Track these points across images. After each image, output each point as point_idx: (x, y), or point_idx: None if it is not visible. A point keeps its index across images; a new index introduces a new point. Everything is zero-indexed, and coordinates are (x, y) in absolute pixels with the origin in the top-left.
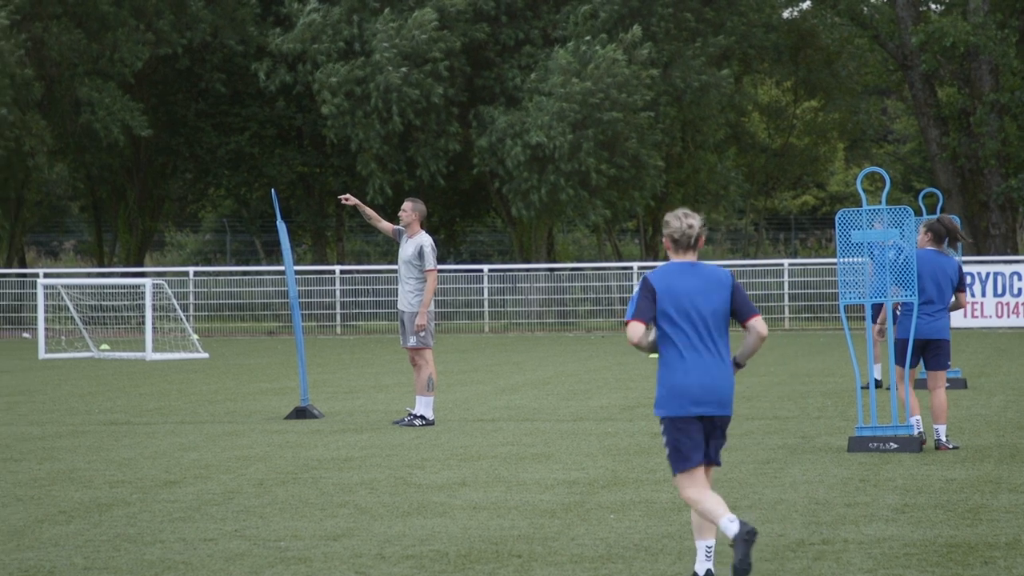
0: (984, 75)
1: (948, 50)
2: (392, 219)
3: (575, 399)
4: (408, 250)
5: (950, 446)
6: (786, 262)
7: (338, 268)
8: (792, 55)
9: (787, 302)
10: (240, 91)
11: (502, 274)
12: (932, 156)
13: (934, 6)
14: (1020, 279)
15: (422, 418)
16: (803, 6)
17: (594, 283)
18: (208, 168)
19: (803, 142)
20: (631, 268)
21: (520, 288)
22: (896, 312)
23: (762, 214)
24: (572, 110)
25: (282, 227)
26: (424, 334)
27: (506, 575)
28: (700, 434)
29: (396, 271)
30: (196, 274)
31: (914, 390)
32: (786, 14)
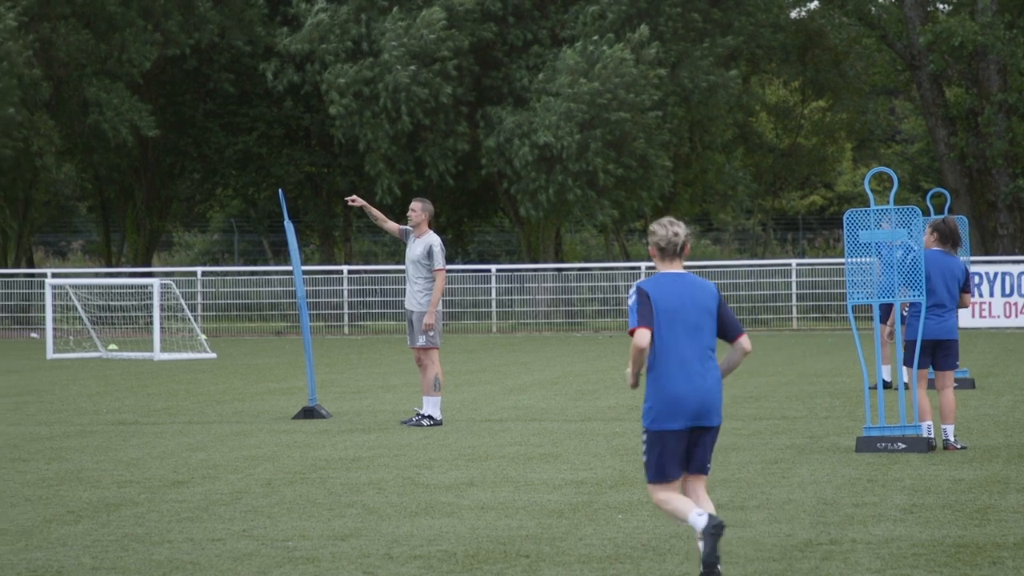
0: (992, 75)
1: (956, 50)
2: (400, 219)
3: (583, 399)
4: (417, 250)
5: (958, 446)
6: (794, 262)
7: (346, 268)
8: (800, 55)
9: (795, 302)
10: (248, 91)
11: (510, 274)
12: (940, 156)
13: (942, 6)
14: None
15: (430, 418)
16: (811, 6)
17: (602, 283)
18: (216, 168)
19: (811, 142)
20: (639, 268)
21: (528, 288)
22: (904, 313)
23: (770, 214)
24: (580, 110)
25: (290, 227)
26: (432, 333)
27: (514, 575)
28: (684, 446)
29: (404, 271)
30: (204, 274)
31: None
32: (794, 14)
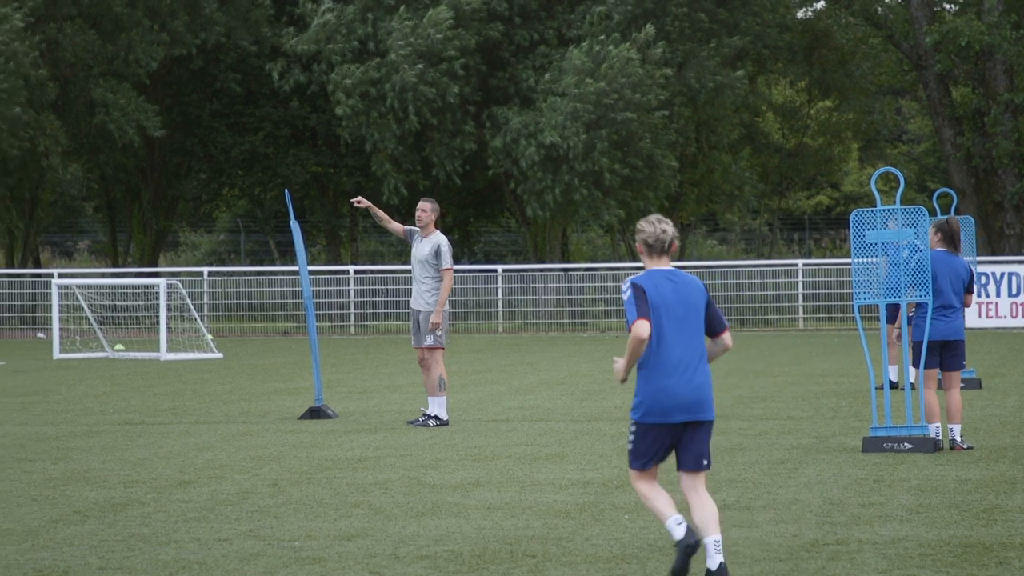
0: (999, 75)
1: (962, 50)
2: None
3: (589, 399)
4: (424, 249)
5: (965, 446)
6: (800, 262)
7: (352, 268)
8: (806, 55)
9: (801, 302)
10: (254, 91)
11: (516, 274)
12: (946, 156)
13: (948, 6)
14: None
15: (436, 418)
16: (817, 6)
17: (608, 283)
18: (222, 168)
19: (817, 142)
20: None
21: (534, 288)
22: (910, 314)
23: (776, 214)
24: (586, 110)
25: (296, 227)
26: (440, 333)
27: (520, 575)
28: (671, 440)
29: (410, 271)
30: (210, 274)
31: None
32: (800, 14)
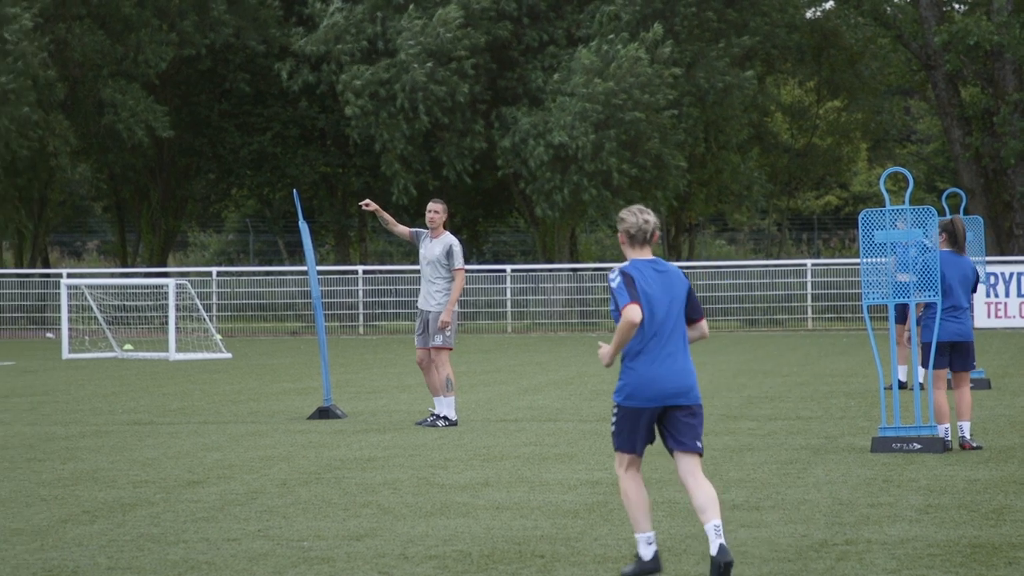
0: (1008, 75)
1: (971, 50)
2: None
3: (598, 399)
4: (436, 250)
5: (974, 444)
6: (809, 262)
7: (361, 268)
8: (815, 55)
9: (810, 302)
10: (263, 91)
11: (525, 274)
12: (955, 156)
13: (957, 6)
14: None
15: (445, 418)
16: (826, 6)
17: None
18: (231, 168)
19: (826, 142)
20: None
21: (543, 288)
22: (919, 315)
23: (785, 214)
24: (594, 110)
25: (304, 227)
26: (449, 333)
27: (529, 575)
28: (652, 423)
29: (418, 271)
30: (219, 274)
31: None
32: (809, 14)
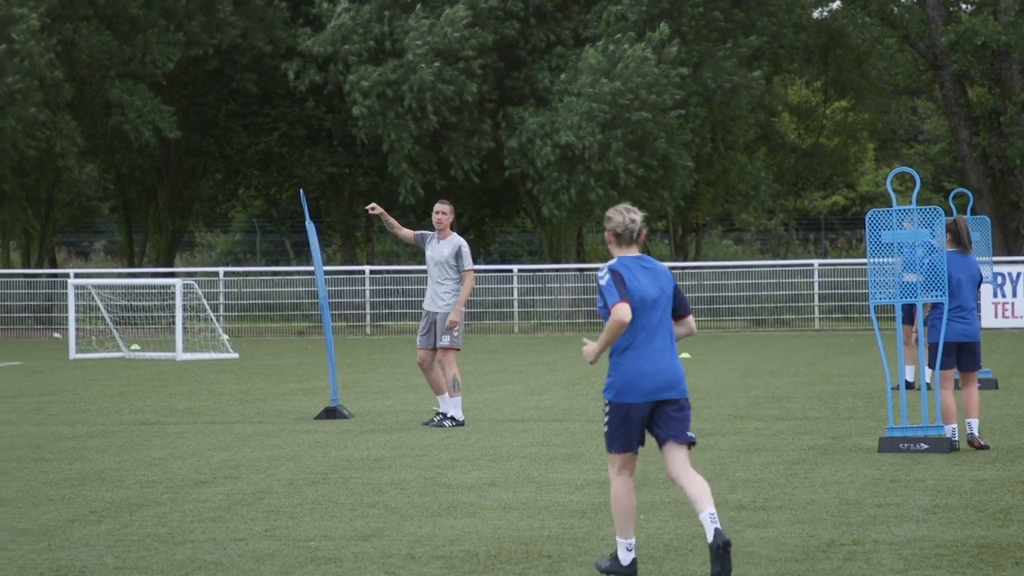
0: (1015, 75)
1: (979, 50)
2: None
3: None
4: (444, 251)
5: (982, 442)
6: (816, 262)
7: (368, 268)
8: (822, 55)
9: (817, 302)
10: (270, 91)
11: (532, 274)
12: (962, 156)
13: (964, 6)
14: None
15: (452, 419)
16: (833, 6)
17: None
18: (238, 168)
19: (833, 142)
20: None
21: (550, 288)
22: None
23: (792, 214)
24: (601, 110)
25: (311, 227)
26: (456, 333)
27: (536, 575)
28: (643, 421)
29: (425, 272)
30: (226, 274)
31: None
32: (816, 14)
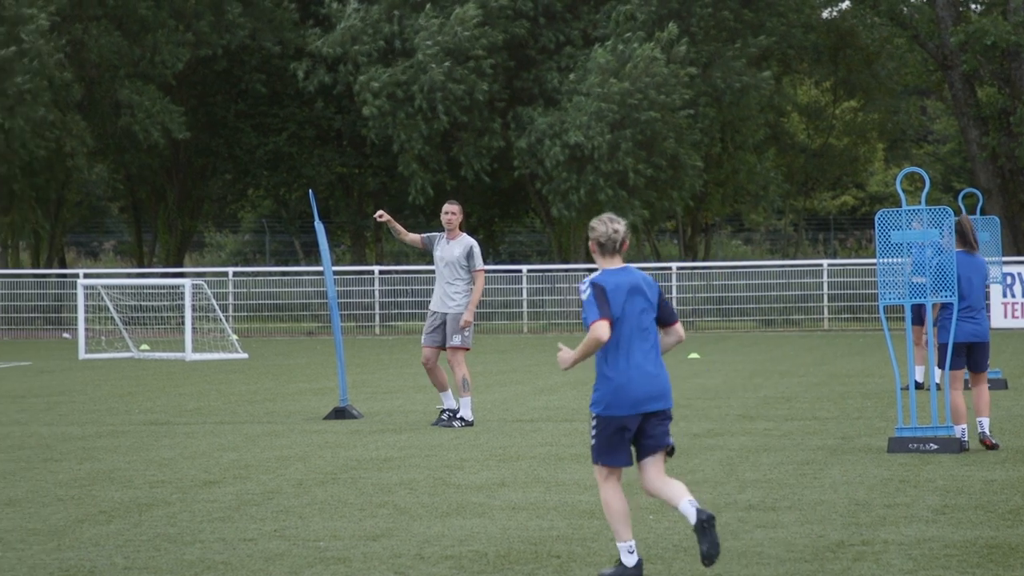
0: None
1: (988, 50)
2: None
3: None
4: (455, 251)
5: (992, 441)
6: (825, 263)
7: (377, 268)
8: (831, 55)
9: (826, 303)
10: (279, 91)
11: (541, 274)
12: (972, 156)
13: (974, 6)
14: None
15: (461, 419)
16: (842, 6)
17: None
18: (247, 169)
19: (842, 142)
20: (670, 268)
21: (559, 288)
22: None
23: (801, 214)
24: (610, 110)
25: (320, 228)
26: (467, 333)
27: (545, 575)
28: (632, 433)
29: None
30: (235, 274)
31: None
32: (825, 14)
